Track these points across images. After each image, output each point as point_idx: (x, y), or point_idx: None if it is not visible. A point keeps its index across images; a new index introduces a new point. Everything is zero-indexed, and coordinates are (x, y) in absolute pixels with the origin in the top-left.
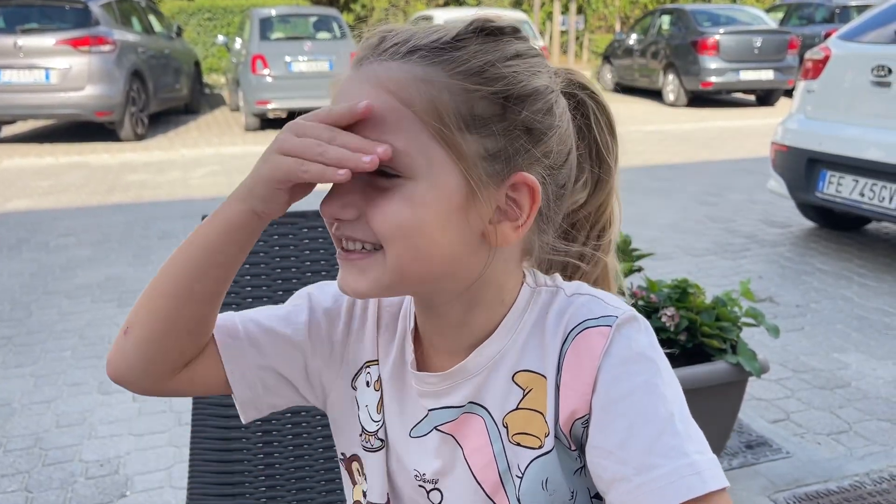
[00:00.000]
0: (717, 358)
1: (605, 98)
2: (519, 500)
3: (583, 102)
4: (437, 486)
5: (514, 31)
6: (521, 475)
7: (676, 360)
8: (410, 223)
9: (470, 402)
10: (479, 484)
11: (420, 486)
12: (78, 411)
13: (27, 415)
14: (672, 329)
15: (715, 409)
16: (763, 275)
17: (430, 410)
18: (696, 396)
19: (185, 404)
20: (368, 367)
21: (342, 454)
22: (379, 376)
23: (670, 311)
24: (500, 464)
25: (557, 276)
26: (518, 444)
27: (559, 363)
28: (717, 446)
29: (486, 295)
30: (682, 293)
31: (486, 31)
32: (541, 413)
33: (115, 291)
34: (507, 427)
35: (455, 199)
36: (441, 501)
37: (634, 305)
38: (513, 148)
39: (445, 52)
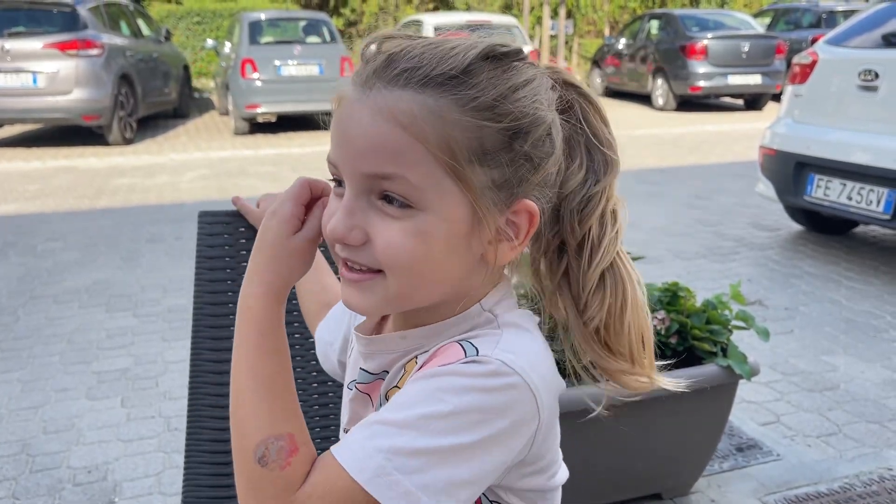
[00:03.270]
0: (707, 361)
1: (594, 93)
2: None
3: (572, 102)
4: None
5: (517, 54)
6: None
7: (667, 364)
8: (418, 255)
9: (384, 371)
10: None
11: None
12: (66, 417)
13: (14, 421)
14: (663, 332)
15: (705, 412)
16: (752, 278)
17: (360, 369)
18: (687, 399)
19: (174, 409)
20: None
21: None
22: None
23: (661, 314)
24: None
25: (527, 312)
26: None
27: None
28: (708, 449)
29: (453, 303)
30: (672, 296)
31: (495, 58)
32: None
33: (104, 296)
34: (387, 399)
35: (462, 228)
36: None
37: None
38: (516, 177)
39: (457, 85)
